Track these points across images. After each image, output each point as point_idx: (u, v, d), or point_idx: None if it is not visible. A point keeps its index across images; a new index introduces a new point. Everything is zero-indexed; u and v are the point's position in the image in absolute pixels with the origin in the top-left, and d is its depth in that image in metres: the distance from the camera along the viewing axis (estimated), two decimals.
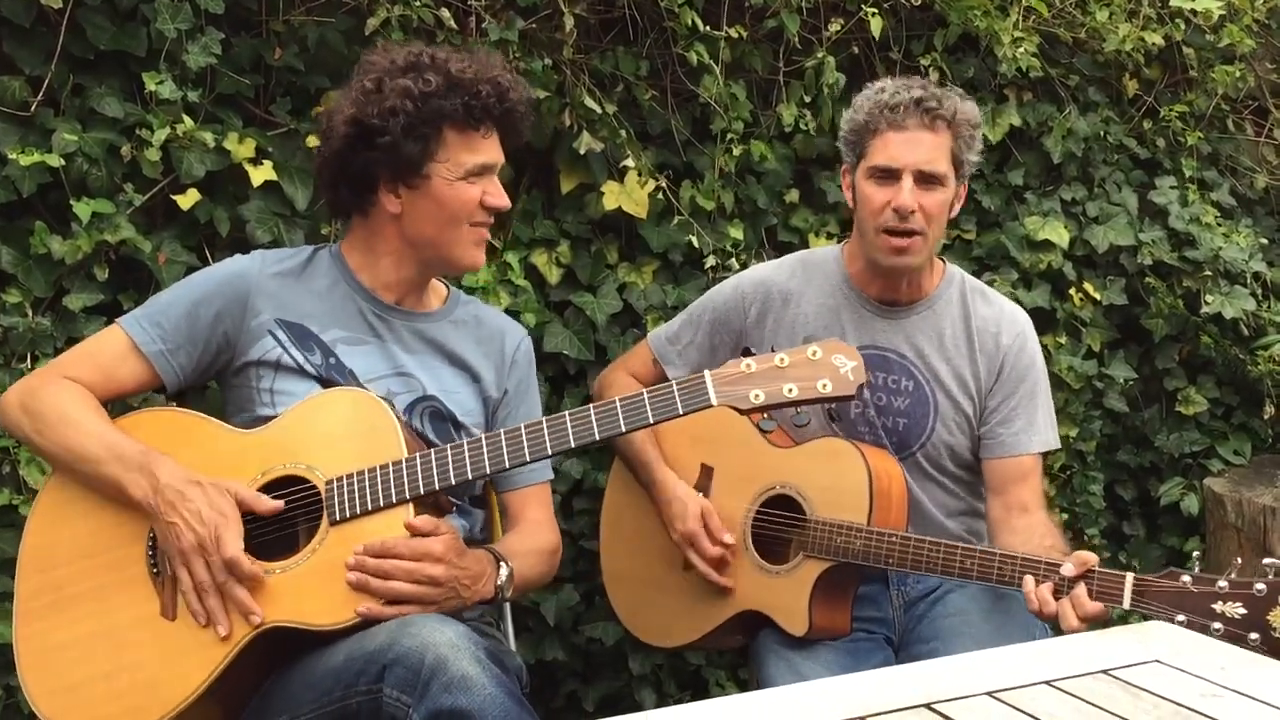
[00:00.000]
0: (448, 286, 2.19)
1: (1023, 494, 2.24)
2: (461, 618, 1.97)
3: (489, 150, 2.00)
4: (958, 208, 2.29)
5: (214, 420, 1.93)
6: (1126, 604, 1.85)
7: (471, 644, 1.63)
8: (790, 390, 1.78)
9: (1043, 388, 2.32)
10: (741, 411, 1.80)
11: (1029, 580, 1.95)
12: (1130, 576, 1.87)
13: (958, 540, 2.21)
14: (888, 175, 2.21)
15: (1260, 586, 1.76)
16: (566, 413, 1.82)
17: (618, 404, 1.81)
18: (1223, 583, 1.79)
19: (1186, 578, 1.82)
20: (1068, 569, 1.92)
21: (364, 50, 2.14)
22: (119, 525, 1.84)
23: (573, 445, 1.82)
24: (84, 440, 1.84)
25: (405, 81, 1.93)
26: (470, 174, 1.98)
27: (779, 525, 2.22)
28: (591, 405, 1.82)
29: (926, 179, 2.19)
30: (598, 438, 1.81)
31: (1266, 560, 1.80)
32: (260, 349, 1.97)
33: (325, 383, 1.97)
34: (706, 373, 1.81)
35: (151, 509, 1.79)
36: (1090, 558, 1.94)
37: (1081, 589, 1.91)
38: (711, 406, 1.79)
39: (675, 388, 1.80)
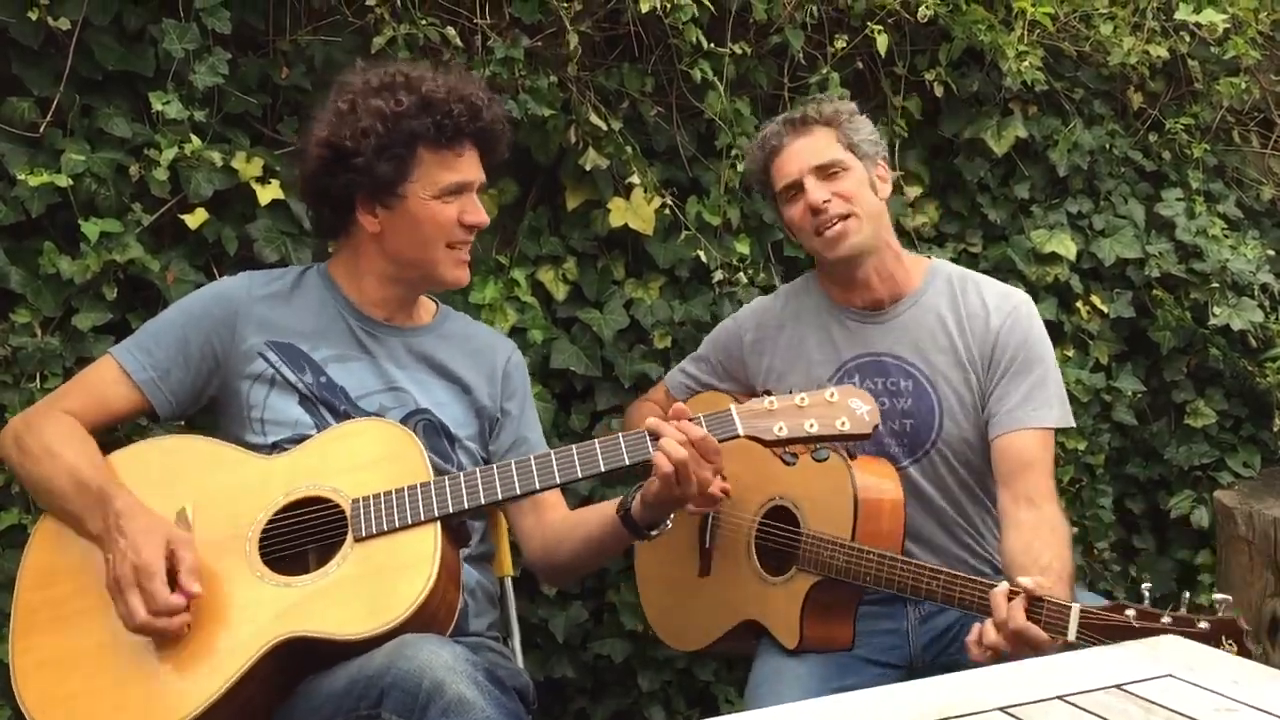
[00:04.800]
0: (436, 303, 2.21)
1: (1029, 484, 2.13)
2: (467, 630, 1.98)
3: (465, 169, 2.01)
4: (885, 189, 2.32)
5: (233, 446, 1.94)
6: (1072, 636, 1.81)
7: (469, 665, 1.62)
8: (811, 425, 1.85)
9: (1040, 363, 2.24)
10: (765, 443, 1.86)
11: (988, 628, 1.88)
12: (1076, 607, 1.83)
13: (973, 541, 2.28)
14: (795, 189, 2.28)
15: (1204, 624, 1.73)
16: (596, 440, 1.86)
17: (646, 435, 1.86)
18: (1167, 618, 1.76)
19: (1131, 611, 1.78)
20: (1025, 582, 1.87)
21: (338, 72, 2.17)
22: None
23: (603, 470, 1.85)
24: (56, 476, 1.86)
25: (378, 102, 1.95)
26: (445, 193, 1.99)
27: (780, 537, 2.22)
28: (621, 434, 1.86)
29: (824, 171, 2.25)
30: (627, 463, 1.85)
31: (1218, 596, 1.78)
32: (254, 367, 1.99)
33: (316, 402, 1.98)
34: (732, 406, 1.88)
35: (103, 541, 1.77)
36: (1045, 585, 1.88)
37: (1019, 606, 1.86)
38: (739, 437, 1.86)
39: (704, 419, 1.86)
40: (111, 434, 1.97)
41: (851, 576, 2.09)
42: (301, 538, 1.85)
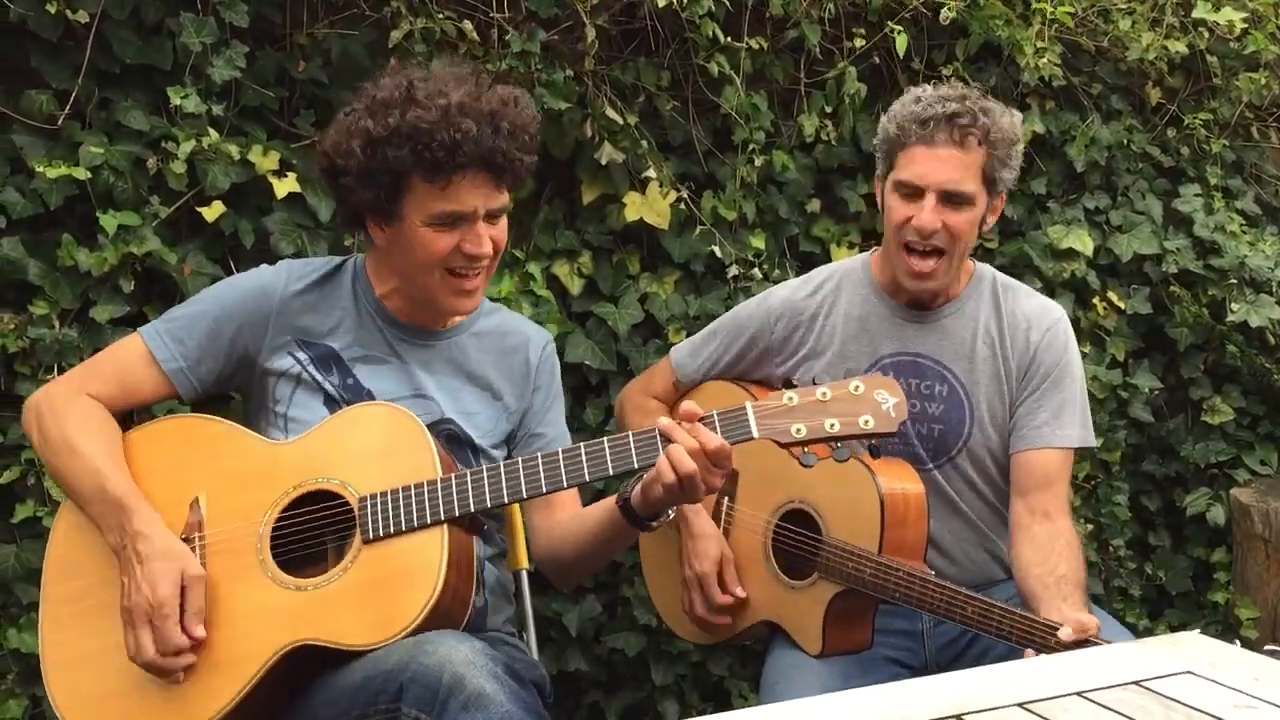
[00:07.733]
0: None
1: (1046, 499, 2.15)
2: (484, 628, 1.98)
3: (462, 198, 1.86)
4: (991, 220, 2.24)
5: (245, 429, 1.93)
6: (756, 433, 1.76)
7: (488, 660, 1.62)
8: (832, 425, 1.75)
9: (1072, 382, 2.23)
10: (781, 445, 1.77)
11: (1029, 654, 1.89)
12: (749, 405, 1.78)
13: (989, 548, 2.25)
14: (913, 191, 2.15)
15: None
16: (605, 440, 1.80)
17: (656, 435, 1.79)
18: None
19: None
20: (1065, 633, 1.85)
21: (385, 65, 2.13)
22: None
23: (611, 474, 1.80)
24: (77, 475, 1.84)
25: (366, 123, 1.84)
26: (438, 222, 1.87)
27: (798, 540, 2.21)
28: (631, 433, 1.80)
29: (952, 198, 2.13)
30: (636, 466, 1.79)
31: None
32: (282, 364, 1.98)
33: (341, 404, 1.96)
34: (748, 404, 1.78)
35: (119, 558, 1.79)
36: (1091, 625, 1.86)
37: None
38: (753, 439, 1.77)
39: (717, 418, 1.78)
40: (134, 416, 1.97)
41: (879, 591, 2.06)
42: (311, 536, 1.84)
